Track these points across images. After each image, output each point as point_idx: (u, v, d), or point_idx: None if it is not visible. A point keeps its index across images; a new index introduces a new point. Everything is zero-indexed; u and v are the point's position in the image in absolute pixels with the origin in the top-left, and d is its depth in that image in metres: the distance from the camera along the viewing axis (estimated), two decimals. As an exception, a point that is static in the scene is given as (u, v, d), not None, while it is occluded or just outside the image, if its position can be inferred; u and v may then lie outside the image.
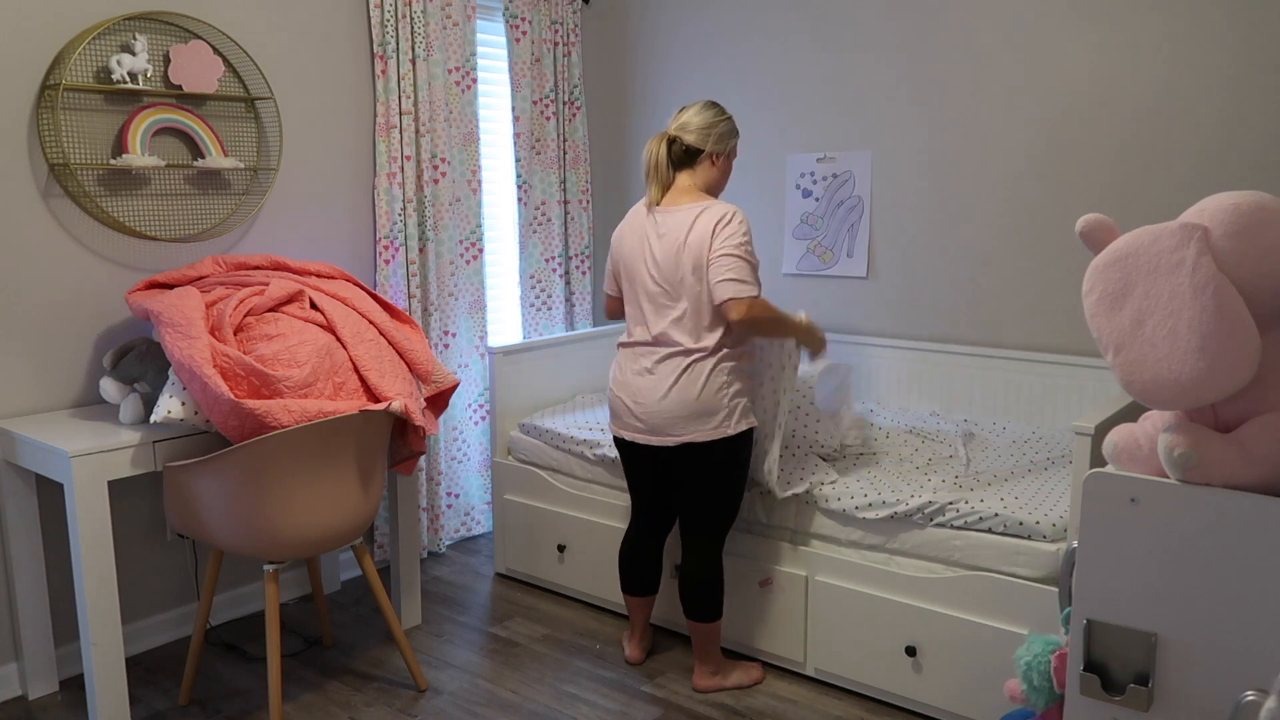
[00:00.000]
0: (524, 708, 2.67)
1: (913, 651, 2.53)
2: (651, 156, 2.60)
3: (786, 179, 3.76)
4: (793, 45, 3.67)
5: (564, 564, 3.34)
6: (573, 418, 3.44)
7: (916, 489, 2.58)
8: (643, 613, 2.88)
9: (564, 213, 4.18)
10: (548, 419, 3.43)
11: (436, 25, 3.54)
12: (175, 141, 2.94)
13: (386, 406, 2.54)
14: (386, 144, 3.43)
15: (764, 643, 2.85)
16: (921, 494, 2.54)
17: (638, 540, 2.82)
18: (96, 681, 2.40)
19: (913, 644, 2.53)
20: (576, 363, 3.81)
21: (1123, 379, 1.28)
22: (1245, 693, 1.19)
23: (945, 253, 3.38)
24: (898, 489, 2.60)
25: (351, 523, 2.57)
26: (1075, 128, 3.06)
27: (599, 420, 3.38)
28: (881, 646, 2.60)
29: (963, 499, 2.48)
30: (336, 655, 2.99)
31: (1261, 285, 1.23)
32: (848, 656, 2.68)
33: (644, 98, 4.19)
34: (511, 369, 3.51)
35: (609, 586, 3.22)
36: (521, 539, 3.46)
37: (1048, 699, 1.65)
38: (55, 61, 2.67)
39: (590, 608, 3.31)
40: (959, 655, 2.46)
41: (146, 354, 2.64)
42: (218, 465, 2.34)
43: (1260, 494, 1.21)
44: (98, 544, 2.38)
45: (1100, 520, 1.32)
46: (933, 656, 2.51)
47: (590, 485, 3.23)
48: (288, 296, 2.64)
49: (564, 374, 3.76)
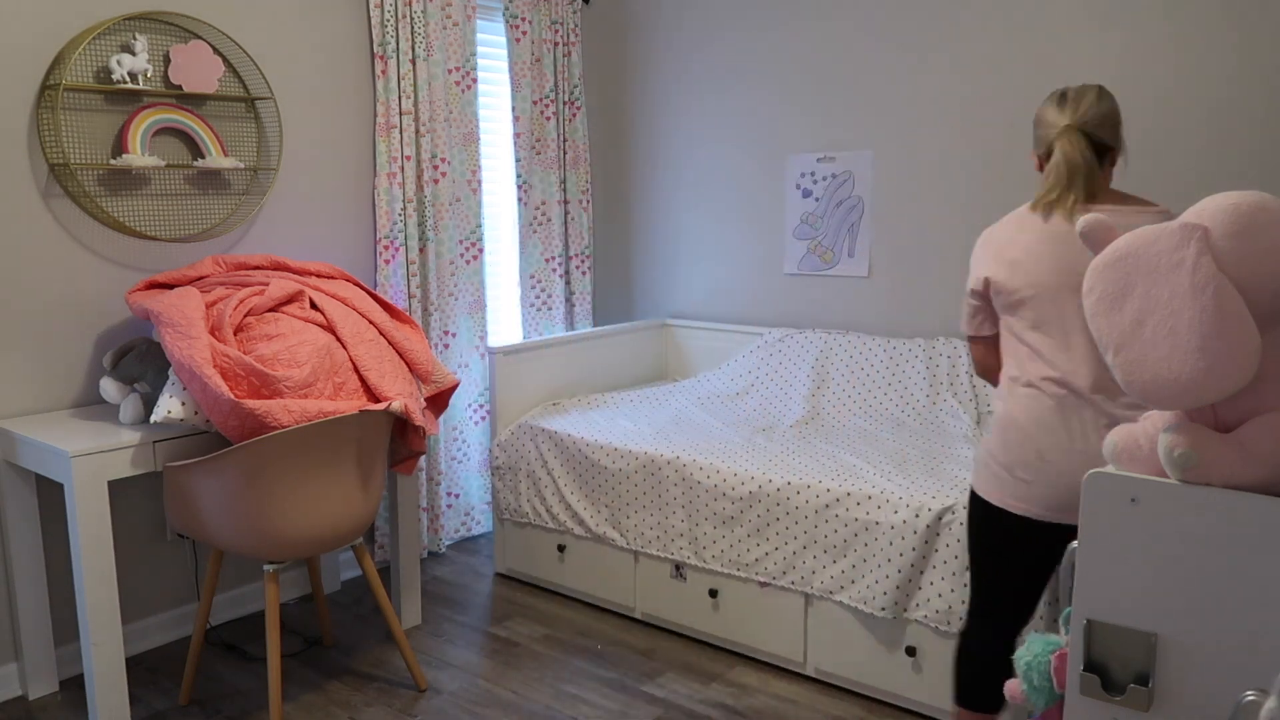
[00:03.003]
0: (524, 708, 2.67)
1: (912, 652, 2.53)
2: (1076, 153, 1.91)
3: (786, 179, 3.75)
4: (793, 45, 3.67)
5: (564, 563, 3.34)
6: (569, 419, 3.44)
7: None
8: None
9: (564, 213, 4.18)
10: (545, 419, 3.44)
11: (436, 25, 3.54)
12: (175, 141, 2.94)
13: (386, 406, 2.54)
14: (386, 144, 3.43)
15: (764, 643, 2.85)
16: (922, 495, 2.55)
17: (994, 642, 2.09)
18: (96, 681, 2.40)
19: (913, 644, 2.54)
20: (577, 362, 3.82)
21: (1123, 379, 1.28)
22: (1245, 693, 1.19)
23: (946, 253, 3.38)
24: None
25: (351, 523, 2.57)
26: (1075, 128, 3.05)
27: (599, 420, 3.38)
28: (882, 647, 2.61)
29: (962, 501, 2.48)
30: (336, 655, 2.99)
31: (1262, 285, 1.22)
32: (847, 657, 2.68)
33: (644, 98, 4.19)
34: (511, 369, 3.51)
35: (609, 586, 3.22)
36: (520, 540, 3.47)
37: (1048, 699, 1.65)
38: (55, 61, 2.67)
39: (590, 608, 3.31)
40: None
41: (146, 354, 2.64)
42: (218, 465, 2.34)
43: (1260, 494, 1.21)
44: (98, 544, 2.38)
45: (1100, 520, 1.32)
46: (933, 657, 2.51)
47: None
48: (288, 296, 2.64)
49: (565, 374, 3.77)
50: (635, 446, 3.11)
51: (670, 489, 3.00)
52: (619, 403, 3.65)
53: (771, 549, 2.79)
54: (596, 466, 3.19)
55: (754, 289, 3.93)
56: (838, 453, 2.94)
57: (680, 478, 2.97)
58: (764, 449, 3.02)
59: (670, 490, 3.00)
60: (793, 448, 3.03)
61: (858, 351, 3.50)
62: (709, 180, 4.02)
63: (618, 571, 3.20)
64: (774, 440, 3.13)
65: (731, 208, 3.96)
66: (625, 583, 3.20)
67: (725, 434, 3.21)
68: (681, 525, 2.98)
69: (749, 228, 3.91)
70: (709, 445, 3.08)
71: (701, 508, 2.92)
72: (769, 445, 3.06)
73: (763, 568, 2.81)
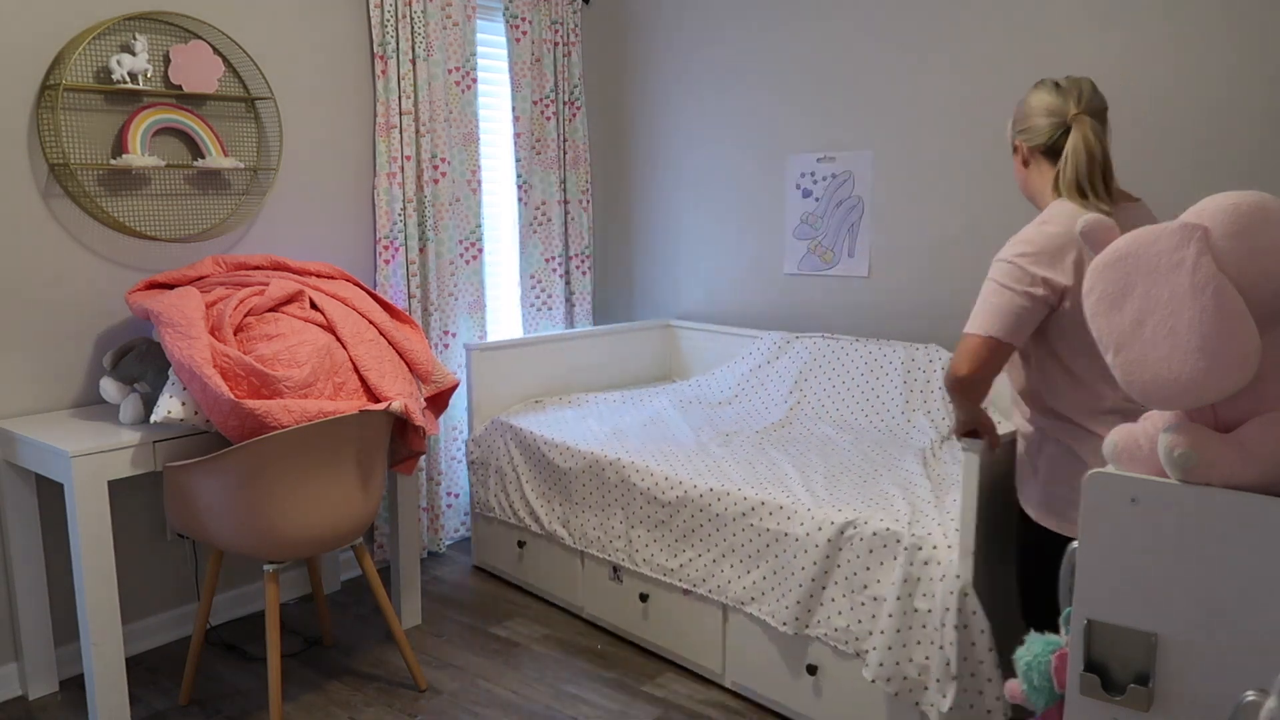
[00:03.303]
0: (524, 708, 2.67)
1: (813, 670, 2.48)
2: (1095, 140, 1.84)
3: (786, 179, 3.75)
4: (793, 45, 3.67)
5: (523, 561, 3.40)
6: (540, 416, 3.46)
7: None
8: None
9: (564, 213, 4.18)
10: (517, 415, 3.47)
11: (436, 25, 3.54)
12: (175, 141, 2.94)
13: (386, 406, 2.54)
14: (386, 144, 3.43)
15: (688, 650, 2.83)
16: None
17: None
18: (96, 681, 2.40)
19: (814, 663, 2.49)
20: (577, 361, 3.82)
21: (1123, 379, 1.28)
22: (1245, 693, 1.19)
23: (947, 252, 3.37)
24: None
25: (351, 523, 2.57)
26: (1075, 128, 3.05)
27: (572, 418, 3.42)
28: (786, 663, 2.55)
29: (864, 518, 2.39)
30: (336, 655, 2.99)
31: (1262, 285, 1.22)
32: (759, 671, 2.63)
33: (644, 98, 4.19)
34: (493, 366, 3.56)
35: (562, 585, 3.21)
36: (490, 534, 3.54)
37: (1048, 699, 1.65)
38: (55, 61, 2.67)
39: (549, 605, 3.31)
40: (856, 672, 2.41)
41: (146, 354, 2.64)
42: (218, 465, 2.34)
43: (1260, 494, 1.21)
44: (98, 544, 2.38)
45: (1100, 520, 1.32)
46: (834, 677, 2.45)
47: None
48: (288, 296, 2.64)
49: (565, 373, 3.77)
50: (584, 446, 3.10)
51: (611, 490, 2.98)
52: (601, 402, 3.65)
53: (695, 555, 2.74)
54: (550, 464, 3.20)
55: (754, 289, 3.93)
56: (780, 461, 2.86)
57: (620, 479, 2.95)
58: (710, 454, 2.96)
59: (611, 492, 2.98)
60: (740, 455, 2.95)
61: (846, 358, 3.46)
62: (709, 180, 4.02)
63: (568, 570, 3.22)
64: (729, 446, 3.06)
65: (731, 207, 3.96)
66: (575, 582, 3.20)
67: (684, 438, 3.16)
68: (619, 527, 2.96)
69: (749, 228, 3.91)
70: (658, 449, 3.03)
71: (637, 510, 2.89)
72: (719, 451, 2.99)
73: (685, 574, 2.76)
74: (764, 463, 2.86)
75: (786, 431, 3.25)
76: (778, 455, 2.94)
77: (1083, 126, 1.82)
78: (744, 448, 3.04)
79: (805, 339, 3.61)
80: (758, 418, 3.43)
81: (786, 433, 3.23)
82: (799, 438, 3.16)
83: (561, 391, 3.79)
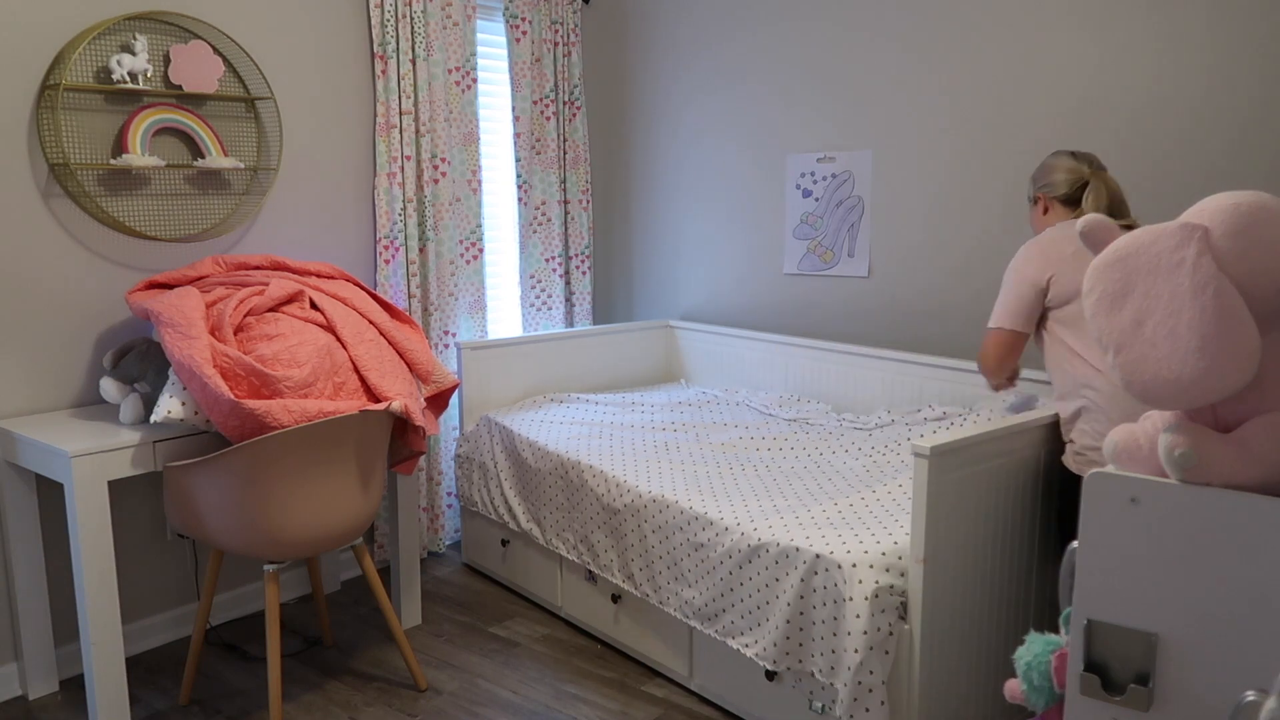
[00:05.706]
0: (524, 708, 2.67)
1: (771, 676, 2.41)
2: (1106, 191, 2.35)
3: (786, 179, 3.75)
4: (793, 45, 3.67)
5: (505, 560, 3.39)
6: (527, 415, 3.46)
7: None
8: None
9: (564, 213, 4.18)
10: (506, 413, 3.47)
11: (436, 25, 3.54)
12: (175, 141, 2.94)
13: (386, 406, 2.54)
14: (386, 144, 3.43)
15: (655, 653, 2.82)
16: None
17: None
18: (96, 681, 2.40)
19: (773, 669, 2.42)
20: (577, 361, 3.82)
21: (1123, 379, 1.28)
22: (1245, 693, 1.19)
23: (947, 252, 3.37)
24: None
25: (351, 523, 2.57)
26: (1076, 128, 3.05)
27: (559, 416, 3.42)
28: (744, 670, 2.52)
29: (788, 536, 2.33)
30: (336, 655, 2.99)
31: (1262, 285, 1.22)
32: (724, 677, 2.59)
33: (644, 98, 4.19)
34: (487, 364, 3.56)
35: (540, 584, 3.21)
36: (476, 531, 3.56)
37: (1048, 699, 1.65)
38: (55, 61, 2.67)
39: (530, 604, 3.31)
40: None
41: (146, 354, 2.64)
42: (218, 465, 2.34)
43: (1260, 494, 1.21)
44: (98, 544, 2.38)
45: (1100, 520, 1.32)
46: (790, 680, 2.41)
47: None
48: (288, 296, 2.64)
49: (567, 372, 3.77)
50: (554, 447, 3.10)
51: (575, 492, 2.98)
52: (595, 403, 3.64)
53: (646, 564, 2.72)
54: (524, 463, 3.20)
55: (754, 289, 3.93)
56: (736, 472, 2.82)
57: (581, 482, 2.95)
58: (670, 461, 2.93)
59: (576, 493, 2.98)
60: (700, 462, 2.92)
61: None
62: (709, 180, 4.02)
63: (547, 571, 3.22)
64: (696, 455, 3.00)
65: (731, 207, 3.96)
66: (554, 583, 3.20)
67: (651, 441, 3.13)
68: (582, 529, 2.96)
69: (749, 227, 3.91)
70: (622, 453, 3.01)
71: (595, 515, 2.89)
72: (679, 458, 2.96)
73: (639, 582, 2.75)
74: (718, 473, 2.81)
75: (760, 441, 3.15)
76: (738, 464, 2.88)
77: (1102, 176, 2.34)
78: (710, 457, 2.98)
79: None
80: (741, 422, 3.38)
81: (761, 441, 3.14)
82: (784, 449, 3.07)
83: (561, 391, 3.79)
